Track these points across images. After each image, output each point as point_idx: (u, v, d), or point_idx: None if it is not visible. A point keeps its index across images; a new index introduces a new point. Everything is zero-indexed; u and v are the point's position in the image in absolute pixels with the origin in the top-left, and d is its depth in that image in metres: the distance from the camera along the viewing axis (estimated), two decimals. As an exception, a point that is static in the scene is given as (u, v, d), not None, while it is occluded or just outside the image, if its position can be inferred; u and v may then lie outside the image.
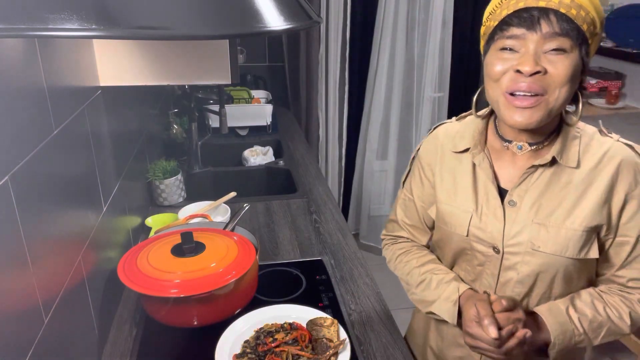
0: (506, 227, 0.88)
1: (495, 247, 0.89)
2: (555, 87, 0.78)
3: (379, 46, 2.81)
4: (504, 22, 0.80)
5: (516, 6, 0.78)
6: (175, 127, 1.98)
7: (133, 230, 1.37)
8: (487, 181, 0.91)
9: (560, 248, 0.84)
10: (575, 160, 0.85)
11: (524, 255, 0.87)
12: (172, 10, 0.38)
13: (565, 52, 0.77)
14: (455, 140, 0.97)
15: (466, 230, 0.92)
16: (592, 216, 0.84)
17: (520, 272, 0.88)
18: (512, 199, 0.88)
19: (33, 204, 0.73)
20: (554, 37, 0.76)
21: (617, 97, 2.63)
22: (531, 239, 0.86)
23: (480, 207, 0.91)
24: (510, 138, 0.90)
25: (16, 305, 0.67)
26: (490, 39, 0.83)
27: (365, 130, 3.02)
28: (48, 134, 0.80)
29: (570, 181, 0.85)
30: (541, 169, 0.87)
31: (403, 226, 1.10)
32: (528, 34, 0.77)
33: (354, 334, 1.07)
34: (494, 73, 0.81)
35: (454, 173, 0.96)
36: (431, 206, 1.01)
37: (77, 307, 0.90)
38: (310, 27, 0.48)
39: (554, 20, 0.76)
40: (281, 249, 1.41)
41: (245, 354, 0.94)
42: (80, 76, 0.99)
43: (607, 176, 0.84)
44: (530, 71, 0.76)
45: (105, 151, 1.12)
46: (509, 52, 0.80)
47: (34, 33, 0.36)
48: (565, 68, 0.77)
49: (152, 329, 1.07)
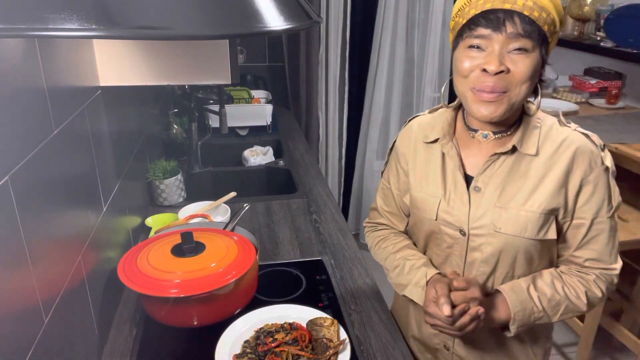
0: (471, 211, 0.95)
1: (462, 229, 0.96)
2: (517, 84, 0.85)
3: (379, 46, 2.81)
4: (472, 21, 0.85)
5: (483, 7, 0.84)
6: (175, 127, 1.98)
7: (133, 230, 1.37)
8: (454, 169, 0.98)
9: (520, 229, 0.91)
10: (534, 148, 0.92)
11: (487, 237, 0.94)
12: (172, 10, 0.38)
13: (527, 51, 0.83)
14: (426, 131, 1.03)
15: (435, 215, 0.99)
16: (549, 200, 0.91)
17: (484, 252, 0.95)
18: (477, 184, 0.95)
19: (33, 204, 0.73)
20: (517, 38, 0.82)
21: (617, 97, 2.63)
22: (493, 222, 0.93)
23: (448, 193, 0.98)
24: (476, 127, 0.97)
25: (16, 305, 0.67)
26: (459, 35, 0.89)
27: (365, 130, 3.02)
28: (48, 134, 0.80)
29: (530, 168, 0.92)
30: (503, 156, 0.93)
31: (382, 213, 1.17)
32: (494, 34, 0.83)
33: (354, 334, 1.07)
34: (463, 69, 0.88)
35: (426, 162, 1.02)
36: (406, 194, 1.07)
37: (77, 307, 0.90)
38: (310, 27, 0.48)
39: (518, 22, 0.82)
40: (281, 249, 1.41)
41: (245, 354, 0.94)
42: (80, 76, 0.99)
43: (564, 163, 0.90)
44: (495, 70, 0.83)
45: (105, 151, 1.12)
46: (476, 50, 0.86)
47: (34, 33, 0.36)
48: (526, 67, 0.84)
49: (152, 329, 1.07)
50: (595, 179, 0.90)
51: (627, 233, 1.94)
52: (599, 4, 2.69)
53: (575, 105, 2.63)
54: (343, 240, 1.46)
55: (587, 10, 2.72)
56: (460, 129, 1.00)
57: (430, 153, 1.02)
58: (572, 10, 2.79)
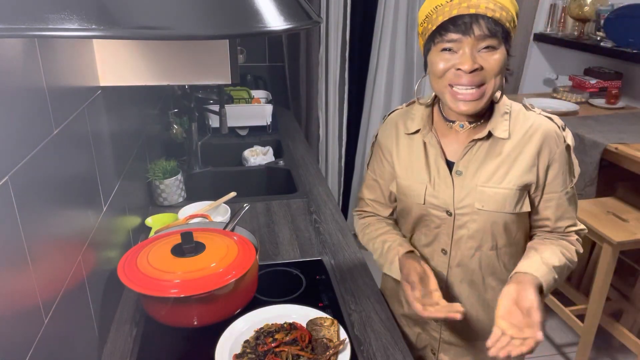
0: (455, 193, 1.05)
1: (448, 210, 1.06)
2: (490, 78, 0.94)
3: (378, 46, 2.81)
4: (441, 27, 0.93)
5: (450, 14, 0.91)
6: (175, 127, 1.98)
7: (133, 230, 1.37)
8: (437, 156, 1.07)
9: (499, 205, 1.02)
10: (506, 132, 1.02)
11: (471, 215, 1.04)
12: (172, 10, 0.38)
13: (494, 48, 0.93)
14: (406, 124, 1.12)
15: (423, 199, 1.08)
16: (523, 177, 1.02)
17: (470, 229, 1.05)
18: (459, 169, 1.05)
19: (33, 204, 0.73)
20: (485, 39, 0.91)
21: (617, 97, 2.63)
22: (475, 201, 1.03)
23: (433, 179, 1.07)
24: (453, 119, 1.05)
25: (16, 305, 0.67)
26: (430, 40, 0.97)
27: (365, 130, 3.02)
28: (48, 134, 0.80)
29: (503, 150, 1.02)
30: (480, 142, 1.03)
31: (368, 202, 1.25)
32: (463, 38, 0.92)
33: (354, 334, 1.07)
34: (438, 71, 0.96)
35: (409, 152, 1.11)
36: (391, 182, 1.16)
37: (77, 307, 0.90)
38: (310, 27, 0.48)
39: (483, 24, 0.90)
40: (281, 249, 1.41)
41: (245, 354, 0.94)
42: (80, 76, 0.99)
43: (534, 144, 1.01)
44: (470, 69, 0.92)
45: (105, 151, 1.12)
46: (449, 52, 0.94)
47: (34, 33, 0.36)
48: (496, 62, 0.93)
49: (152, 329, 1.07)
50: (560, 157, 1.02)
51: (627, 233, 1.94)
52: (599, 4, 2.69)
53: (575, 105, 2.63)
54: (343, 240, 1.46)
55: (587, 10, 2.72)
56: (437, 121, 1.09)
57: (412, 144, 1.10)
58: (572, 10, 2.79)
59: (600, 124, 2.36)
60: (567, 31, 2.97)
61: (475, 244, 1.07)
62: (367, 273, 1.30)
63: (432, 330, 1.18)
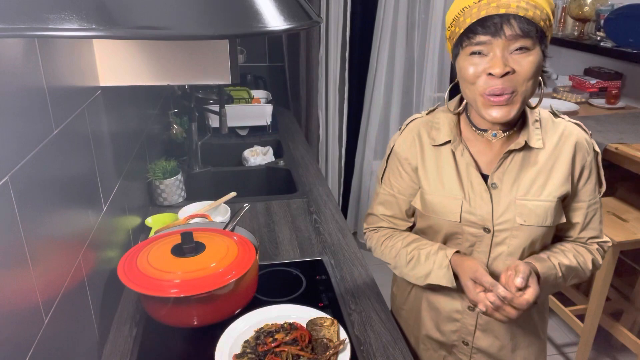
0: (494, 208, 0.98)
1: (486, 227, 0.99)
2: (523, 82, 0.88)
3: (378, 46, 2.81)
4: (469, 30, 0.87)
5: (478, 15, 0.85)
6: (175, 127, 1.98)
7: (133, 230, 1.37)
8: (469, 168, 1.00)
9: (542, 219, 0.97)
10: (540, 142, 0.97)
11: (511, 231, 0.98)
12: (173, 10, 0.38)
13: (528, 49, 0.86)
14: (431, 134, 1.04)
15: (459, 216, 1.00)
16: (561, 187, 0.97)
17: (510, 246, 0.99)
18: (494, 181, 0.99)
19: (33, 204, 0.73)
20: (517, 39, 0.85)
21: (617, 97, 2.63)
22: (516, 215, 0.97)
23: (468, 193, 1.00)
24: (484, 127, 0.99)
25: (16, 305, 0.67)
26: (459, 44, 0.91)
27: (365, 130, 3.02)
28: (48, 134, 0.80)
29: (538, 160, 0.97)
30: (513, 152, 0.98)
31: (383, 218, 1.16)
32: (493, 39, 0.85)
33: (354, 334, 1.07)
34: (469, 76, 0.90)
35: (437, 165, 1.03)
36: (413, 197, 1.08)
37: (77, 307, 0.90)
38: (310, 27, 0.48)
39: (515, 24, 0.84)
40: (281, 249, 1.41)
41: (245, 354, 0.94)
42: (80, 76, 0.99)
43: (567, 152, 0.97)
44: (501, 73, 0.85)
45: (105, 151, 1.12)
46: (478, 56, 0.88)
47: (34, 33, 0.36)
48: (530, 64, 0.86)
49: (152, 329, 1.07)
50: (590, 164, 0.99)
51: (627, 233, 1.94)
52: (599, 4, 2.69)
53: (576, 105, 2.63)
54: (343, 240, 1.46)
55: (587, 10, 2.72)
56: (466, 130, 1.02)
57: (440, 156, 1.03)
58: (572, 10, 2.79)
59: (600, 124, 2.36)
60: (567, 31, 2.97)
61: (514, 260, 0.99)
62: (367, 273, 1.30)
63: (460, 353, 1.11)
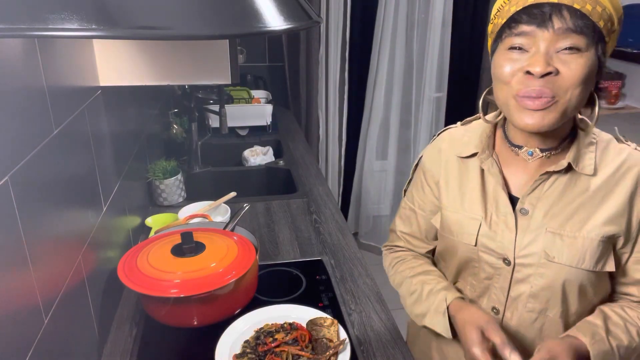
0: (518, 236, 0.83)
1: (506, 258, 0.85)
2: (568, 89, 0.73)
3: (378, 46, 2.81)
4: (512, 19, 0.74)
5: (526, 2, 0.73)
6: (175, 127, 1.98)
7: (133, 230, 1.37)
8: (497, 187, 0.86)
9: (577, 259, 0.80)
10: (591, 167, 0.81)
11: (537, 267, 0.82)
12: (172, 10, 0.38)
13: (579, 51, 0.72)
14: (460, 145, 0.92)
15: (474, 240, 0.87)
16: (609, 225, 0.80)
17: (533, 285, 0.83)
18: (524, 206, 0.84)
19: (33, 204, 0.73)
20: (567, 35, 0.71)
21: (617, 97, 2.63)
22: (545, 249, 0.81)
23: (490, 215, 0.86)
24: (520, 143, 0.85)
25: (16, 305, 0.67)
26: (498, 37, 0.78)
27: (365, 130, 3.02)
28: (48, 134, 0.80)
29: (587, 189, 0.81)
30: (555, 175, 0.82)
31: (400, 236, 1.07)
32: (539, 31, 0.72)
33: (354, 334, 1.07)
34: (503, 75, 0.76)
35: (460, 179, 0.91)
36: (434, 215, 0.96)
37: (77, 307, 0.90)
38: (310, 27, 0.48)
39: (567, 16, 0.70)
40: (281, 249, 1.41)
41: (245, 354, 0.94)
42: (80, 76, 0.99)
43: (627, 186, 0.80)
44: (542, 72, 0.71)
45: (105, 151, 1.12)
46: (518, 51, 0.75)
47: (34, 33, 0.36)
48: (579, 68, 0.72)
49: (152, 329, 1.07)
50: None
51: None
52: (599, 4, 2.69)
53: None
54: (343, 240, 1.46)
55: (587, 10, 2.72)
56: (500, 145, 0.88)
57: (466, 169, 0.90)
58: (572, 10, 2.78)
59: (600, 124, 2.36)
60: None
61: (539, 306, 0.84)
62: (367, 273, 1.30)
63: None
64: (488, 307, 0.89)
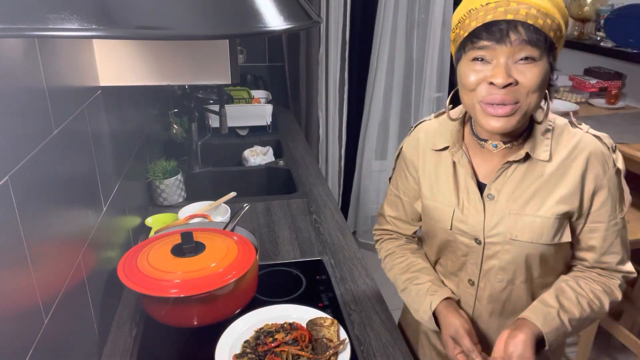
0: (486, 219, 0.94)
1: (477, 238, 0.96)
2: (527, 94, 0.82)
3: (378, 46, 2.81)
4: (473, 34, 0.82)
5: (484, 19, 0.80)
6: (175, 127, 1.98)
7: (133, 230, 1.37)
8: (467, 177, 0.96)
9: (536, 236, 0.91)
10: (547, 154, 0.91)
11: (503, 245, 0.94)
12: (172, 10, 0.38)
13: (534, 60, 0.81)
14: (434, 138, 1.02)
15: (450, 224, 0.98)
16: (563, 204, 0.90)
17: (501, 260, 0.95)
18: (490, 192, 0.94)
19: (33, 204, 0.73)
20: (523, 48, 0.80)
21: (617, 97, 2.63)
22: (509, 229, 0.92)
23: (462, 202, 0.97)
24: (485, 137, 0.94)
25: (16, 305, 0.67)
26: (462, 48, 0.86)
27: (365, 130, 3.02)
28: (48, 134, 0.80)
29: (543, 173, 0.91)
30: (516, 164, 0.92)
31: (389, 220, 1.15)
32: (498, 46, 0.80)
33: (354, 334, 1.07)
34: (469, 83, 0.85)
35: (436, 170, 1.01)
36: (416, 201, 1.07)
37: (77, 307, 0.90)
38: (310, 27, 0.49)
39: (522, 32, 0.79)
40: (281, 249, 1.41)
41: (245, 354, 0.94)
42: (80, 76, 1.00)
43: (579, 167, 0.90)
44: (503, 83, 0.80)
45: (105, 151, 1.12)
46: (481, 62, 0.83)
47: (34, 33, 0.36)
48: (535, 77, 0.81)
49: (152, 329, 1.07)
50: (609, 182, 0.90)
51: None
52: (599, 4, 2.69)
53: (576, 105, 2.63)
54: (343, 240, 1.46)
55: (587, 10, 2.72)
56: (468, 138, 0.98)
57: (439, 161, 1.00)
58: (572, 10, 2.79)
59: (600, 124, 2.36)
60: (567, 31, 2.97)
61: (507, 277, 0.96)
62: (367, 273, 1.30)
63: None
64: (465, 279, 1.01)
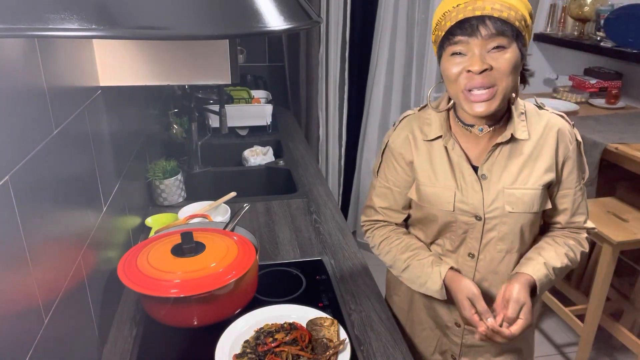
0: (484, 197, 1.05)
1: (477, 215, 1.06)
2: (502, 78, 0.95)
3: (378, 46, 2.81)
4: (449, 32, 0.95)
5: (457, 18, 0.93)
6: (175, 127, 1.98)
7: (133, 230, 1.37)
8: (461, 161, 1.07)
9: (528, 206, 1.04)
10: (526, 133, 1.04)
11: (501, 217, 1.05)
12: (172, 10, 0.38)
13: (504, 47, 0.93)
14: (423, 129, 1.11)
15: (452, 206, 1.07)
16: (545, 175, 1.04)
17: (500, 232, 1.07)
18: (483, 173, 1.06)
19: (33, 204, 0.73)
20: (492, 38, 0.92)
21: (617, 97, 2.63)
22: (505, 204, 1.04)
23: (460, 184, 1.07)
24: (471, 123, 1.06)
25: (16, 305, 0.67)
26: (441, 46, 0.99)
27: (365, 130, 3.02)
28: (48, 134, 0.80)
29: (524, 151, 1.04)
30: (501, 145, 1.05)
31: (379, 211, 1.21)
32: (471, 40, 0.93)
33: (354, 334, 1.07)
34: (451, 75, 0.98)
35: (430, 158, 1.10)
36: (408, 189, 1.15)
37: (77, 307, 0.90)
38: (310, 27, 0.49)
39: (490, 24, 0.92)
40: (281, 249, 1.41)
41: (245, 354, 0.94)
42: (80, 76, 1.00)
43: (551, 142, 1.04)
44: (479, 69, 0.93)
45: (105, 151, 1.12)
46: (459, 56, 0.96)
47: (34, 33, 0.36)
48: (506, 61, 0.94)
49: (152, 329, 1.07)
50: (573, 153, 1.06)
51: (627, 233, 1.94)
52: (599, 4, 2.69)
53: (576, 105, 2.63)
54: (343, 240, 1.46)
55: (587, 10, 2.72)
56: (455, 126, 1.09)
57: (432, 150, 1.09)
58: (572, 10, 2.79)
59: (600, 124, 2.36)
60: (567, 31, 2.97)
61: (505, 246, 1.07)
62: (367, 273, 1.30)
63: (453, 335, 1.17)
64: (465, 253, 1.10)
